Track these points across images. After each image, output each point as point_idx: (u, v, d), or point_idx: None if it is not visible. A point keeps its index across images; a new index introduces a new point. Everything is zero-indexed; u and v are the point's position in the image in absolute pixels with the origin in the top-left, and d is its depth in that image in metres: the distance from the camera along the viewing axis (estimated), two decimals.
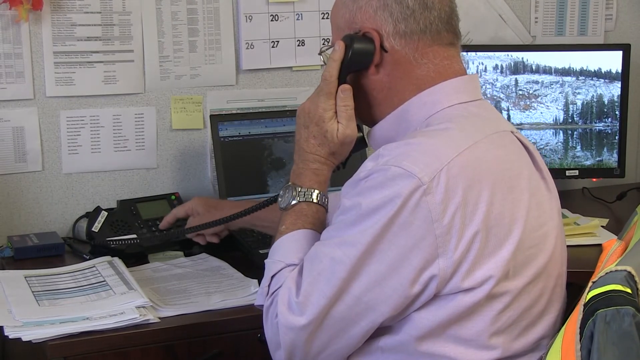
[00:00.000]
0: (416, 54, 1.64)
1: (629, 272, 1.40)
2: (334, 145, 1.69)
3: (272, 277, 1.62)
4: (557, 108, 2.76)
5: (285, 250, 1.65)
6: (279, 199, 1.72)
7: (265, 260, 1.67)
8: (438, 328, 1.52)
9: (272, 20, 2.63)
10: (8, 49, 2.36)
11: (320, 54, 1.79)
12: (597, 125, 2.78)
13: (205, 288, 2.07)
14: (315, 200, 1.68)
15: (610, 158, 2.78)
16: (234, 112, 2.59)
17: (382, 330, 1.55)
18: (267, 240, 2.27)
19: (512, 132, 1.67)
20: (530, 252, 1.56)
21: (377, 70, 1.66)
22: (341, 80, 1.69)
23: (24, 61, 2.38)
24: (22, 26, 2.36)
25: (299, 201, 1.68)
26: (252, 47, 2.62)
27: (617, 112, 2.78)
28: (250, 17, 2.60)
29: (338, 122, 1.69)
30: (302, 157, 1.72)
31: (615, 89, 2.77)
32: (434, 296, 1.51)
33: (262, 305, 1.62)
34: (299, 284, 1.55)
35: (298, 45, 2.67)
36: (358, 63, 1.67)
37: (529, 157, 1.66)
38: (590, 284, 1.42)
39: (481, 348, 1.53)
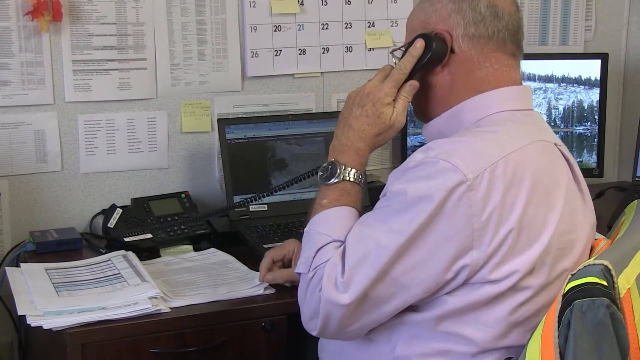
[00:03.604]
0: (480, 56, 1.64)
1: (606, 266, 1.40)
2: (383, 127, 1.68)
3: (318, 250, 1.59)
4: (540, 112, 2.76)
5: (331, 225, 1.62)
6: (320, 173, 1.69)
7: (306, 229, 1.65)
8: (461, 311, 1.54)
9: (275, 31, 2.63)
10: (30, 57, 2.36)
11: (390, 52, 1.77)
12: (577, 128, 2.79)
13: (213, 280, 2.07)
14: (355, 180, 1.67)
15: (589, 159, 2.78)
16: (240, 116, 2.59)
17: (408, 307, 1.56)
18: (270, 236, 2.28)
19: (555, 144, 1.66)
20: (557, 254, 1.56)
21: (443, 70, 1.67)
22: (411, 74, 1.70)
23: (45, 69, 2.38)
24: (43, 36, 2.36)
25: (342, 179, 1.66)
26: (256, 55, 2.62)
27: (596, 117, 2.78)
28: (255, 28, 2.61)
29: (394, 107, 1.69)
30: (346, 133, 1.69)
31: (594, 95, 2.78)
32: (466, 284, 1.52)
33: (301, 273, 1.61)
34: (344, 262, 1.54)
35: (299, 54, 2.67)
36: (432, 62, 1.68)
37: (569, 168, 1.65)
38: (569, 276, 1.43)
39: (496, 334, 1.54)
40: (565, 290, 1.40)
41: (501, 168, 1.51)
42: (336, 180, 1.67)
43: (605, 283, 1.38)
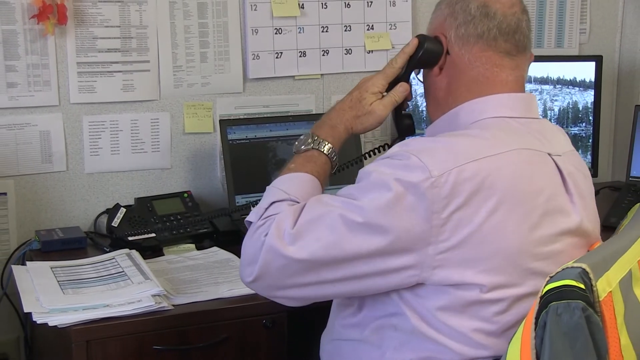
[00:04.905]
0: (470, 56, 1.65)
1: (584, 269, 1.38)
2: (362, 111, 1.74)
3: (272, 203, 1.62)
4: None
5: (291, 185, 1.65)
6: (295, 143, 1.74)
7: (268, 187, 1.68)
8: (441, 314, 1.51)
9: (276, 33, 2.64)
10: (36, 60, 2.36)
11: None
12: (572, 129, 2.79)
13: (214, 278, 2.07)
14: (325, 151, 1.71)
15: (584, 159, 2.76)
16: (242, 117, 2.59)
17: (393, 311, 1.56)
18: None
19: (549, 154, 1.61)
20: (536, 265, 1.53)
21: (441, 72, 1.68)
22: (406, 72, 1.75)
23: (50, 71, 2.38)
24: (49, 39, 2.36)
25: (312, 147, 1.71)
26: (257, 57, 2.62)
27: (590, 118, 2.78)
28: (256, 31, 2.61)
29: (380, 100, 1.74)
30: (328, 114, 1.77)
31: (589, 97, 2.78)
32: (425, 285, 1.51)
33: (251, 223, 1.62)
34: (297, 217, 1.55)
35: (300, 56, 2.68)
36: (424, 61, 1.71)
37: (562, 180, 1.61)
38: (548, 278, 1.40)
39: (477, 344, 1.52)
40: (543, 292, 1.38)
41: (470, 171, 1.49)
42: (304, 148, 1.71)
43: (582, 286, 1.35)
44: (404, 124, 1.83)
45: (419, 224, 1.48)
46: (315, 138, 1.72)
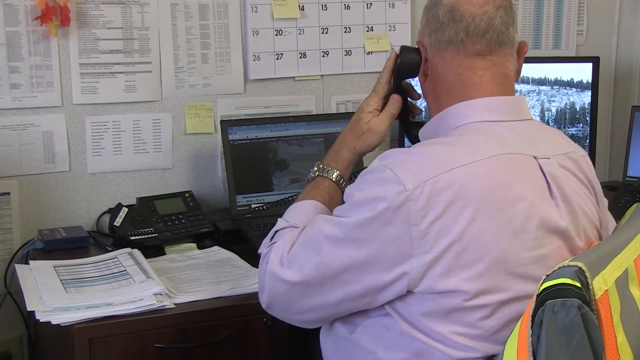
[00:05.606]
0: (442, 62, 1.64)
1: (580, 268, 1.37)
2: (360, 130, 1.80)
3: (276, 232, 1.70)
4: (534, 114, 2.76)
5: (293, 214, 1.73)
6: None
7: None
8: (421, 322, 1.52)
9: (276, 35, 2.64)
10: (39, 61, 2.37)
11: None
12: (569, 130, 2.79)
13: (216, 277, 2.07)
14: (333, 178, 1.77)
15: None
16: (242, 117, 2.59)
17: (384, 312, 1.57)
18: None
19: (535, 157, 1.57)
20: (521, 270, 1.51)
21: (426, 79, 1.69)
22: (394, 85, 1.79)
23: (53, 72, 2.39)
24: (52, 40, 2.37)
25: (317, 175, 1.79)
26: (258, 59, 2.62)
27: (587, 118, 2.79)
28: (257, 32, 2.61)
29: (376, 116, 1.80)
30: (336, 140, 1.84)
31: (586, 97, 2.78)
32: (413, 293, 1.51)
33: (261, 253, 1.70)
34: (294, 243, 1.61)
35: (300, 58, 2.68)
36: (405, 71, 1.74)
37: (547, 184, 1.57)
38: (544, 277, 1.40)
39: (464, 346, 1.52)
40: (540, 291, 1.38)
41: (445, 181, 1.48)
42: (312, 176, 1.80)
43: (578, 284, 1.35)
44: (414, 133, 1.83)
45: (399, 237, 1.48)
46: (321, 166, 1.79)
